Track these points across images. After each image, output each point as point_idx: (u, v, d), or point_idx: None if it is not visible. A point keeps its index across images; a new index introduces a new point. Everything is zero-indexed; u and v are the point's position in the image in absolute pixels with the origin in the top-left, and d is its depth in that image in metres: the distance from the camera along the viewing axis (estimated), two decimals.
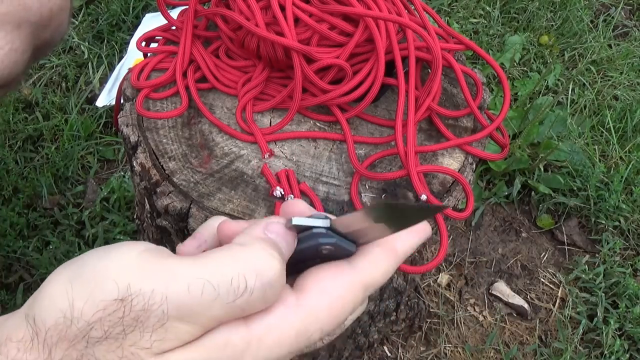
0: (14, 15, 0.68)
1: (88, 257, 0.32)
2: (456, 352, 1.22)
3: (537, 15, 1.85)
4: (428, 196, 0.62)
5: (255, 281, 0.31)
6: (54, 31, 0.74)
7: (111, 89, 1.53)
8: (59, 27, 0.74)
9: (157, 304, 0.29)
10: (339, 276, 0.35)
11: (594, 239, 1.41)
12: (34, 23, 0.70)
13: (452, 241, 1.38)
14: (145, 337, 0.29)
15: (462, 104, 0.73)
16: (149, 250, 0.32)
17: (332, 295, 0.34)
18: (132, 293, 0.29)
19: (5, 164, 1.39)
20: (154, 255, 0.32)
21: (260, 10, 0.66)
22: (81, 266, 0.31)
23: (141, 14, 1.71)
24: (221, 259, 0.32)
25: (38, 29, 0.72)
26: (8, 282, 1.25)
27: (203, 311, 0.30)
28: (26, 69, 0.76)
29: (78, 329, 0.29)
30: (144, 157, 0.66)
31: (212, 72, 0.72)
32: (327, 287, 0.34)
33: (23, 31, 0.70)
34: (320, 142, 0.69)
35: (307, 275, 0.35)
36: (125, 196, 1.34)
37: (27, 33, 0.70)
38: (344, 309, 0.34)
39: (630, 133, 1.57)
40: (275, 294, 0.32)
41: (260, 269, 0.31)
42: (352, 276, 0.35)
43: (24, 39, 0.70)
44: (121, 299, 0.29)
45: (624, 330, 1.26)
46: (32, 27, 0.71)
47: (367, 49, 0.67)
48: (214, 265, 0.31)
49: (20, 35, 0.69)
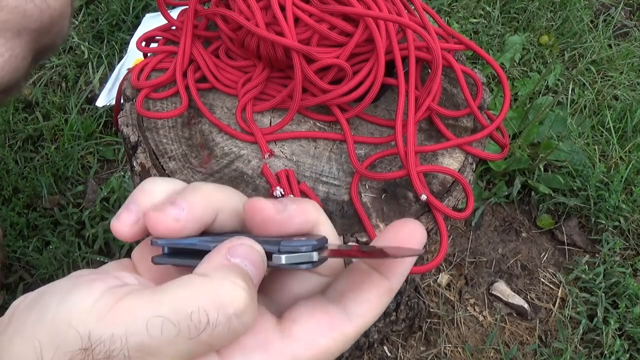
0: (14, 23, 0.68)
1: (48, 300, 0.31)
2: (456, 352, 1.22)
3: (537, 15, 1.85)
4: (428, 196, 0.62)
5: (218, 315, 0.29)
6: (55, 37, 0.74)
7: (111, 89, 1.53)
8: (59, 32, 0.74)
9: (118, 349, 0.28)
10: (333, 329, 0.33)
11: (594, 239, 1.41)
12: (34, 30, 0.70)
13: (452, 241, 1.38)
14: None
15: (462, 104, 0.73)
16: (107, 292, 0.31)
17: (321, 347, 0.32)
18: (93, 342, 0.28)
19: (5, 164, 1.39)
20: (112, 297, 0.30)
21: (260, 10, 0.66)
22: (42, 312, 0.30)
23: (141, 14, 1.71)
24: (180, 293, 0.30)
25: (38, 36, 0.72)
26: (8, 282, 1.25)
27: (166, 349, 0.29)
28: (27, 74, 0.76)
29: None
30: (144, 157, 0.66)
31: (212, 72, 0.72)
32: (318, 341, 0.32)
33: (23, 38, 0.70)
34: (320, 142, 0.69)
35: (297, 320, 0.33)
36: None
37: (28, 40, 0.70)
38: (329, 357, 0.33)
39: (630, 133, 1.57)
40: (245, 323, 0.30)
41: (222, 301, 0.29)
42: (347, 327, 0.33)
43: (25, 45, 0.70)
44: (84, 348, 0.28)
45: (624, 330, 1.26)
46: (33, 34, 0.71)
47: (367, 49, 0.67)
48: (171, 301, 0.29)
49: (21, 42, 0.70)
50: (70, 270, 1.26)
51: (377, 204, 0.64)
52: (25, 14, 0.69)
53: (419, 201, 0.63)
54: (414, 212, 0.63)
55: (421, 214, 0.64)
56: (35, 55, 0.74)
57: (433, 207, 0.63)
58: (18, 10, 0.68)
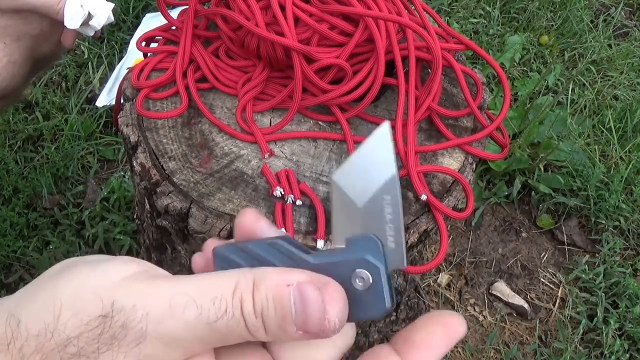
0: (14, 28, 0.68)
1: (80, 266, 0.32)
2: (456, 352, 1.22)
3: (537, 15, 1.85)
4: (428, 196, 0.62)
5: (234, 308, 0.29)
6: (55, 45, 0.74)
7: (111, 89, 1.53)
8: (60, 41, 0.74)
9: (137, 320, 0.29)
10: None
11: (594, 239, 1.41)
12: (33, 36, 0.70)
13: (452, 241, 1.38)
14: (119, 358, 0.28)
15: (462, 104, 0.73)
16: (140, 272, 0.31)
17: None
18: (115, 310, 0.29)
19: (5, 164, 1.39)
20: (145, 275, 0.31)
21: (260, 10, 0.66)
22: (71, 276, 0.31)
23: (141, 14, 1.71)
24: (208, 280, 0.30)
25: (38, 43, 0.72)
26: (8, 282, 1.25)
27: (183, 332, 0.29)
28: (26, 82, 0.76)
29: (56, 343, 0.29)
30: (144, 157, 0.66)
31: (212, 72, 0.72)
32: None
33: (22, 44, 0.70)
34: (320, 142, 0.69)
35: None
36: (125, 196, 1.34)
37: (27, 46, 0.70)
38: None
39: (631, 133, 1.57)
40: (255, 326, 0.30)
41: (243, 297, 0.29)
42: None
43: (23, 52, 0.70)
44: (104, 315, 0.29)
45: (624, 330, 1.26)
46: (32, 40, 0.71)
47: (367, 49, 0.67)
48: (198, 285, 0.30)
49: (20, 47, 0.69)
50: None
51: None
52: (25, 20, 0.69)
53: (419, 201, 0.63)
54: (414, 212, 0.63)
55: (421, 214, 0.64)
56: (35, 63, 0.74)
57: (433, 207, 0.63)
58: (19, 16, 0.68)
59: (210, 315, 0.29)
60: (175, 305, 0.29)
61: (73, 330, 0.29)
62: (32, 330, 0.29)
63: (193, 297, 0.29)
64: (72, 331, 0.29)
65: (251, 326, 0.29)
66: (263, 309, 0.29)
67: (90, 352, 0.29)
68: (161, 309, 0.29)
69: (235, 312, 0.29)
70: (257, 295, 0.29)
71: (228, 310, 0.29)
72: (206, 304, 0.29)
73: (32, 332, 0.29)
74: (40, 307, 0.30)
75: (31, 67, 0.73)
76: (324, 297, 0.29)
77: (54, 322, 0.29)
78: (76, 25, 0.68)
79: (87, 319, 0.29)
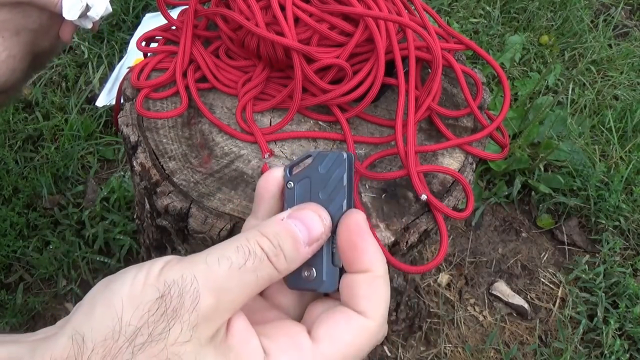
0: (13, 22, 0.68)
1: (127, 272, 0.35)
2: (456, 352, 1.22)
3: (537, 15, 1.85)
4: (428, 196, 0.62)
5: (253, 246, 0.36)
6: (54, 39, 0.74)
7: (111, 89, 1.53)
8: (58, 36, 0.74)
9: (189, 284, 0.33)
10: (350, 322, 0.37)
11: (594, 239, 1.41)
12: (32, 30, 0.70)
13: (452, 241, 1.38)
14: (185, 327, 0.32)
15: (462, 104, 0.73)
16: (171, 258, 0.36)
17: (344, 341, 0.36)
18: (169, 285, 0.33)
19: (5, 164, 1.39)
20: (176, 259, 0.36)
21: (260, 10, 0.66)
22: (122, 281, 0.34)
23: (141, 14, 1.71)
24: (224, 243, 0.36)
25: (37, 37, 0.71)
26: (8, 282, 1.25)
27: (224, 282, 0.34)
28: (26, 78, 0.76)
29: (126, 338, 0.31)
30: (144, 157, 0.66)
31: (212, 72, 0.72)
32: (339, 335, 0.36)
33: (22, 38, 0.69)
34: (320, 142, 0.69)
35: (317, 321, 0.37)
36: (125, 196, 1.34)
37: (26, 41, 0.70)
38: (357, 353, 0.37)
39: (631, 133, 1.57)
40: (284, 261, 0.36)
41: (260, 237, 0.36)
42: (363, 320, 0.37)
43: (23, 46, 0.70)
44: (161, 295, 0.32)
45: (624, 330, 1.26)
46: (31, 34, 0.70)
47: (367, 48, 0.67)
48: (219, 246, 0.36)
49: (19, 42, 0.69)
50: (70, 270, 1.26)
51: (377, 204, 0.64)
52: (24, 13, 0.68)
53: (419, 201, 0.63)
54: (414, 212, 0.63)
55: (421, 214, 0.64)
56: (34, 58, 0.73)
57: (433, 207, 0.63)
58: (18, 10, 0.68)
59: (239, 260, 0.35)
60: (211, 262, 0.34)
61: (139, 321, 0.32)
62: (98, 338, 0.31)
63: (222, 252, 0.35)
64: (138, 322, 0.32)
65: (273, 257, 0.36)
66: (279, 239, 0.36)
67: (160, 331, 0.31)
68: (202, 270, 0.34)
69: (257, 250, 0.35)
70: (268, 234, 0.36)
71: (251, 251, 0.35)
72: (232, 254, 0.35)
73: (99, 340, 0.31)
74: (100, 317, 0.32)
75: (30, 62, 0.73)
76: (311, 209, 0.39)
77: (118, 324, 0.32)
78: (74, 16, 0.68)
79: (148, 305, 0.32)
